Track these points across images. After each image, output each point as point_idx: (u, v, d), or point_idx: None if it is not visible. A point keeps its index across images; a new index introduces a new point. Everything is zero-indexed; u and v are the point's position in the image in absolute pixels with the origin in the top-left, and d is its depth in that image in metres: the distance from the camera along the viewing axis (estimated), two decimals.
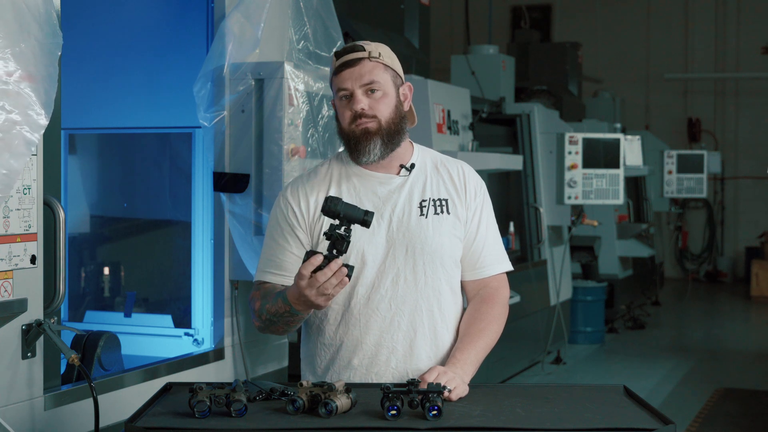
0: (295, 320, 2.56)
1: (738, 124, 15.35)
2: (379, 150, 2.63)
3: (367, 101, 2.61)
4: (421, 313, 2.65)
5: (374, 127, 2.61)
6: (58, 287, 3.17)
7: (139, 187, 4.78)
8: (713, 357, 9.27)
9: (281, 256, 2.67)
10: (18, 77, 2.71)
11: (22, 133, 2.74)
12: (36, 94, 2.77)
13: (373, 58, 2.63)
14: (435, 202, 2.69)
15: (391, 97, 2.65)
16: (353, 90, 2.61)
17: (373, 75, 2.62)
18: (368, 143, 2.61)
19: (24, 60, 2.74)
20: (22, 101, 2.74)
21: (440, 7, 12.88)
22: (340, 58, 2.64)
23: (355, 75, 2.61)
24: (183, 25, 4.52)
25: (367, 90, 2.61)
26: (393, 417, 2.22)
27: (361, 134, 2.61)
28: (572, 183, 8.10)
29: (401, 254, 2.64)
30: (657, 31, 15.57)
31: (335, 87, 2.65)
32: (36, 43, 2.77)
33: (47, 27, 2.82)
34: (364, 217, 2.41)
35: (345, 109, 2.63)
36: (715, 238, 15.38)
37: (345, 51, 2.65)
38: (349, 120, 2.62)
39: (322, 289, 2.39)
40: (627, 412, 2.37)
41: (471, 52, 8.92)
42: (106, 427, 3.33)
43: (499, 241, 2.79)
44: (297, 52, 4.25)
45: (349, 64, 2.62)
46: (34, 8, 2.79)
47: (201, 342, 4.34)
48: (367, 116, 2.61)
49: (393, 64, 2.68)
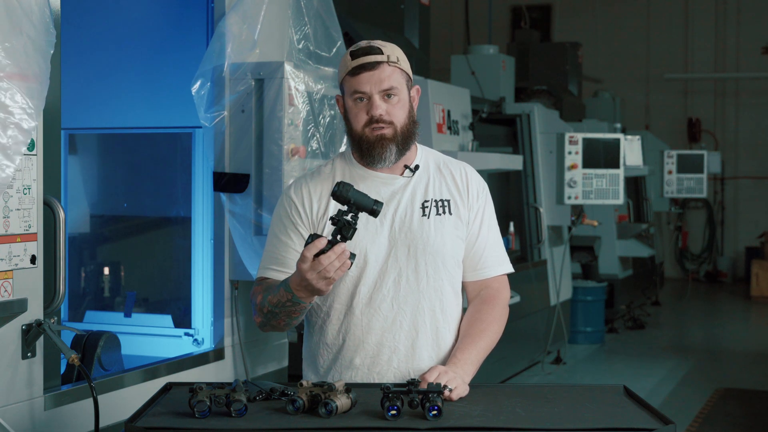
0: (297, 310, 2.52)
1: (738, 124, 15.35)
2: (394, 156, 2.62)
3: (385, 107, 2.59)
4: (423, 313, 2.65)
5: (390, 134, 2.60)
6: (58, 287, 3.17)
7: (139, 186, 4.78)
8: (713, 357, 9.27)
9: (284, 253, 2.66)
10: (8, 74, 2.70)
11: (13, 132, 2.74)
12: (27, 91, 2.76)
13: (392, 62, 2.60)
14: (437, 202, 2.69)
15: (405, 102, 2.64)
16: (371, 94, 2.58)
17: (392, 81, 2.59)
18: (384, 150, 2.60)
19: (15, 57, 2.72)
20: (12, 98, 2.73)
21: (440, 7, 12.88)
22: (356, 58, 2.60)
23: (374, 79, 2.58)
24: (183, 25, 4.53)
25: (384, 95, 2.59)
26: (393, 417, 2.22)
27: (375, 140, 2.60)
28: (572, 183, 8.10)
29: (403, 254, 2.64)
30: (657, 31, 15.57)
31: (350, 88, 2.61)
32: (28, 41, 2.76)
33: (40, 25, 2.81)
34: (374, 206, 2.40)
35: (360, 111, 2.60)
36: (715, 238, 15.38)
37: (363, 52, 2.60)
38: (364, 123, 2.60)
39: (324, 272, 2.37)
40: (627, 412, 2.37)
41: (471, 52, 8.91)
42: (106, 427, 3.33)
43: (500, 243, 2.79)
44: (297, 52, 4.25)
45: (368, 67, 2.58)
46: (26, 6, 2.77)
47: (201, 342, 4.34)
48: (385, 122, 2.59)
49: (407, 68, 2.67)
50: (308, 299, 2.49)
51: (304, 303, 2.50)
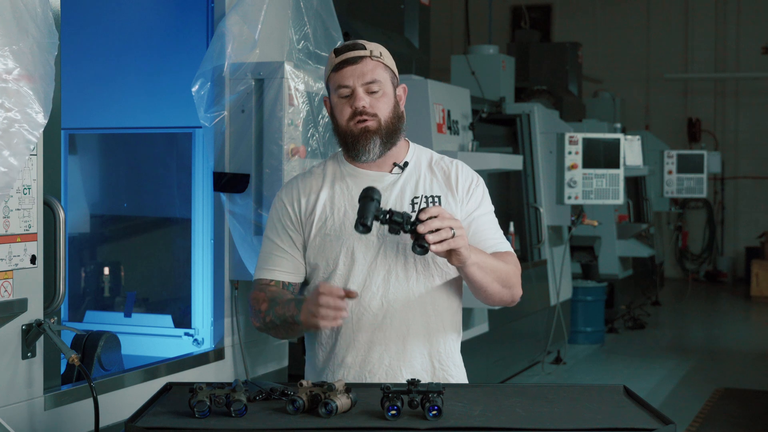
0: (294, 330, 2.59)
1: (738, 124, 15.36)
2: (378, 149, 2.64)
3: (368, 99, 2.62)
4: (413, 311, 2.65)
5: (374, 126, 2.62)
6: (58, 287, 3.17)
7: (139, 186, 4.78)
8: (713, 357, 9.27)
9: (276, 253, 2.70)
10: (17, 75, 2.72)
11: (21, 132, 2.74)
12: (35, 92, 2.78)
13: (374, 57, 2.64)
14: (428, 198, 2.69)
15: (389, 97, 2.66)
16: (354, 87, 2.61)
17: (375, 74, 2.63)
18: (368, 142, 2.62)
19: (23, 59, 2.74)
20: (21, 100, 2.74)
21: (440, 7, 12.88)
22: (339, 55, 2.64)
23: (357, 73, 2.61)
24: (183, 25, 4.53)
25: (368, 88, 2.62)
26: (393, 417, 2.22)
27: (360, 133, 2.62)
28: (572, 183, 8.10)
29: (392, 251, 2.64)
30: (657, 31, 15.57)
31: (334, 84, 2.65)
32: (34, 43, 2.78)
33: (44, 27, 2.83)
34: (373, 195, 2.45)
35: (344, 106, 2.63)
36: (715, 238, 15.38)
37: (346, 48, 2.65)
38: (348, 117, 2.63)
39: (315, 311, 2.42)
40: (627, 412, 2.37)
41: (471, 52, 8.92)
42: (106, 427, 3.33)
43: (498, 232, 2.75)
44: (297, 52, 4.25)
45: (351, 62, 2.62)
46: (31, 8, 2.79)
47: (201, 342, 4.34)
48: (368, 114, 2.61)
49: (392, 64, 2.70)
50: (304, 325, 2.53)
51: (301, 326, 2.54)
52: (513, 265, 2.69)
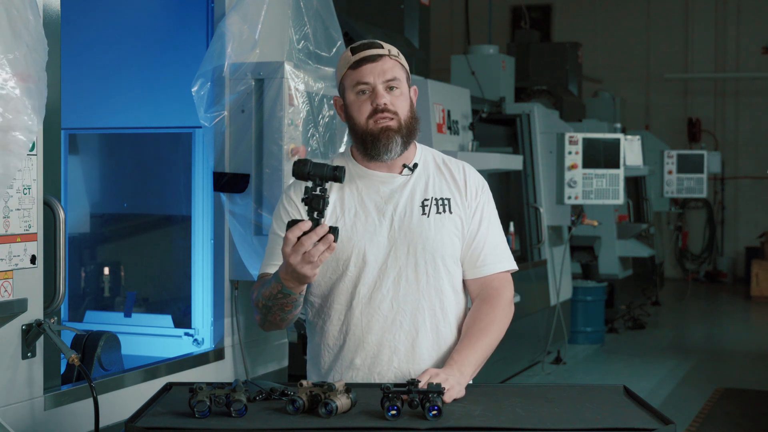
0: (288, 302, 2.51)
1: (738, 124, 15.35)
2: (399, 148, 2.62)
3: (389, 97, 2.60)
4: (423, 313, 2.65)
5: (395, 125, 2.60)
6: (58, 287, 3.17)
7: (139, 186, 4.78)
8: (713, 357, 9.27)
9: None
10: (13, 83, 2.72)
11: (16, 136, 2.75)
12: (29, 98, 2.78)
13: (393, 56, 2.64)
14: (437, 201, 2.69)
15: (407, 96, 2.66)
16: (375, 85, 2.60)
17: (395, 72, 2.62)
18: (390, 141, 2.60)
19: (18, 66, 2.75)
20: (16, 105, 2.74)
21: (440, 7, 12.88)
22: (357, 53, 2.62)
23: (377, 70, 2.60)
24: (183, 25, 4.52)
25: (388, 86, 2.61)
26: (393, 417, 2.22)
27: (380, 131, 2.60)
28: (572, 183, 8.10)
29: (403, 254, 2.63)
30: (657, 31, 15.56)
31: (351, 81, 2.62)
32: (27, 50, 2.79)
33: (35, 34, 2.84)
34: (334, 171, 2.40)
35: (363, 104, 2.61)
36: (715, 238, 15.38)
37: (364, 46, 2.63)
38: (368, 115, 2.60)
39: (308, 256, 2.35)
40: (627, 412, 2.37)
41: (471, 52, 8.92)
42: (106, 427, 3.33)
43: (502, 241, 2.77)
44: (297, 52, 4.25)
45: (371, 59, 2.60)
46: (24, 16, 2.80)
47: (201, 342, 4.34)
48: (389, 111, 2.59)
49: (406, 65, 2.69)
50: (297, 289, 2.47)
51: (294, 294, 2.49)
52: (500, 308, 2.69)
